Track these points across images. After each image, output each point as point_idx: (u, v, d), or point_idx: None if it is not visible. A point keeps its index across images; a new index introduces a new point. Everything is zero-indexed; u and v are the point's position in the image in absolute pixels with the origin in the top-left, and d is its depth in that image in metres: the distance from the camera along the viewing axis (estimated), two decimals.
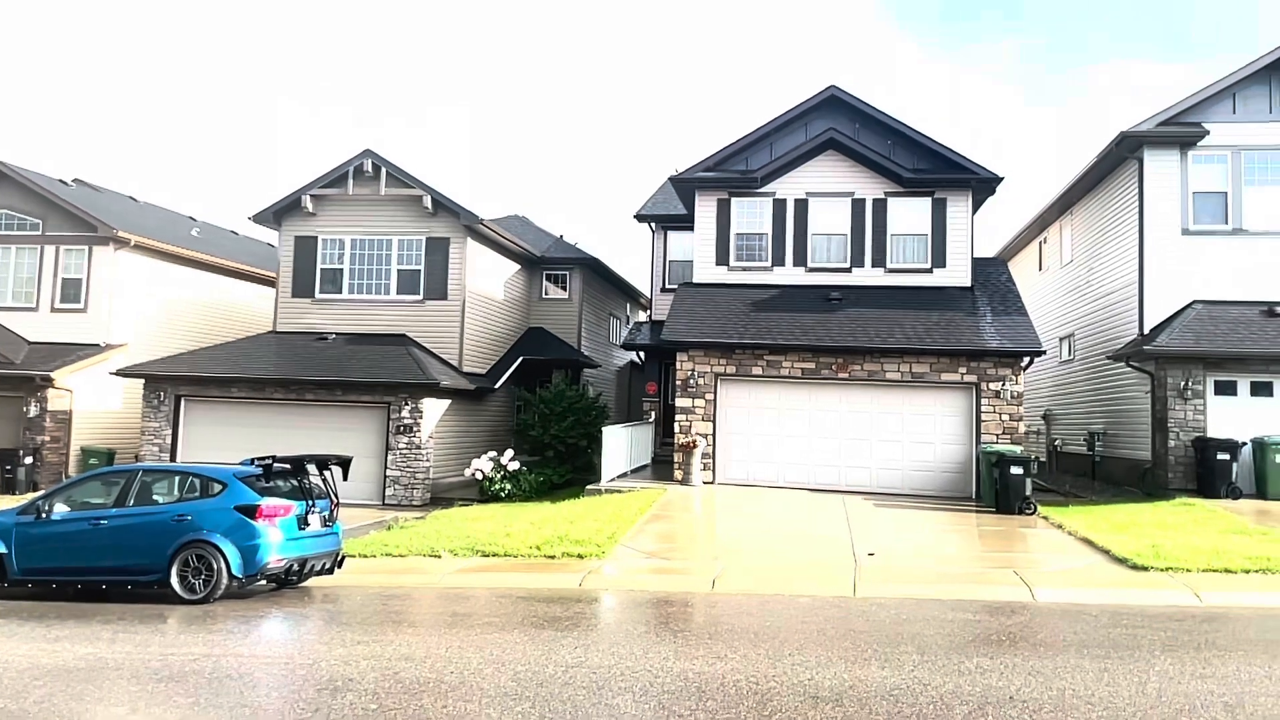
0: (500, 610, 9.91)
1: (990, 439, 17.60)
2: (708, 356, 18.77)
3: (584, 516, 14.67)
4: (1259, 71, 18.67)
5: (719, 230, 21.13)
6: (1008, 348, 17.84)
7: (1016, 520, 15.09)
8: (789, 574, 11.19)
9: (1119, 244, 20.31)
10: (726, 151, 21.10)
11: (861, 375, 18.34)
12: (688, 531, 14.57)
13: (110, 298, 23.02)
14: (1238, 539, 12.49)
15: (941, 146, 20.33)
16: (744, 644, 8.01)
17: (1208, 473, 16.79)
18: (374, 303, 22.68)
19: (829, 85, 21.02)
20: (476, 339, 23.36)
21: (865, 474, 18.23)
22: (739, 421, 18.81)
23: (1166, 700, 6.33)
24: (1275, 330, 17.48)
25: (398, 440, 20.24)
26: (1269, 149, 18.61)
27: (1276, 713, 6.06)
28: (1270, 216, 18.52)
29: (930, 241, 20.40)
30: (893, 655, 7.57)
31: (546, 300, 27.65)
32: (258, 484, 11.01)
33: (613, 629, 9.27)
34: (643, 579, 11.20)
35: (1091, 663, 7.32)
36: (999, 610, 9.51)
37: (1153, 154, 18.89)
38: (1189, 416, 17.51)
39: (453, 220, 22.42)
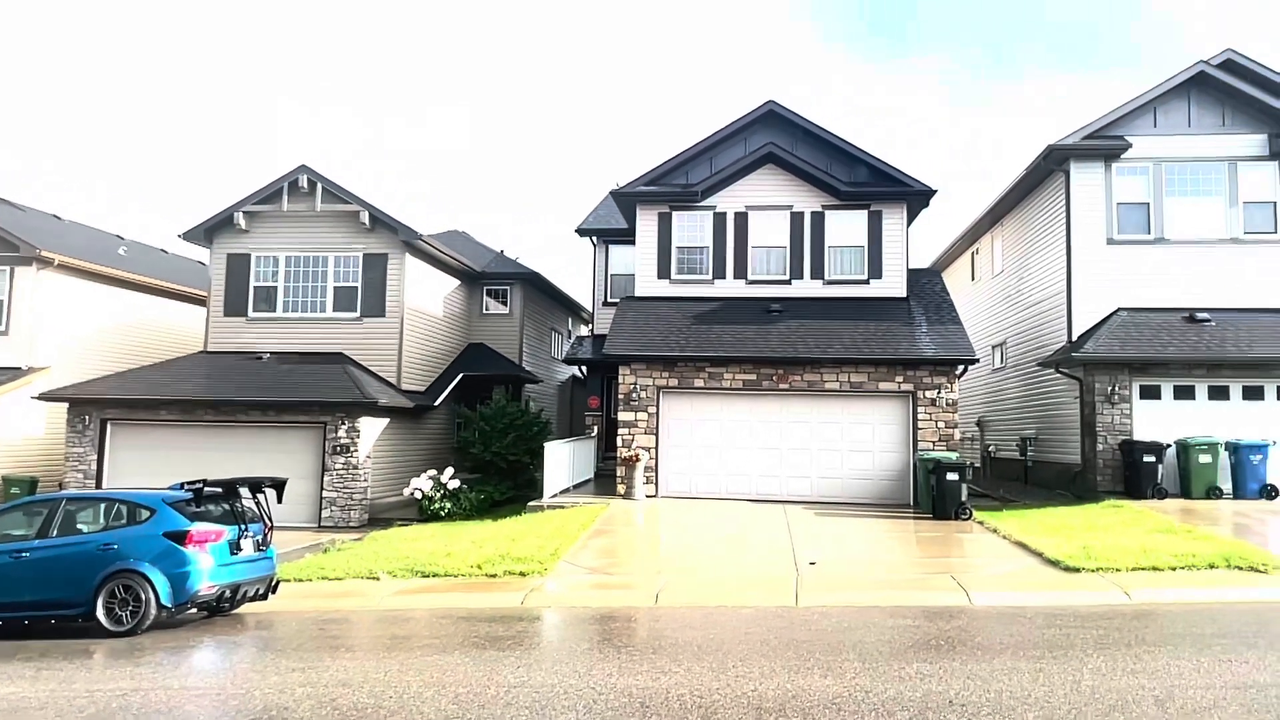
0: (441, 631, 9.74)
1: (927, 446, 17.89)
2: (650, 370, 18.79)
3: (526, 534, 14.53)
4: (1178, 87, 19.38)
5: (660, 244, 21.21)
6: (943, 356, 18.18)
7: (953, 525, 15.34)
8: (732, 585, 11.20)
9: (1048, 254, 20.87)
10: (667, 166, 21.22)
11: (802, 386, 18.52)
12: (631, 546, 14.52)
13: (33, 319, 22.20)
14: (1164, 538, 12.85)
15: (876, 160, 20.71)
16: (688, 657, 7.99)
17: (1135, 474, 17.27)
18: (310, 321, 22.26)
19: (767, 101, 21.29)
20: (415, 356, 23.07)
21: (806, 483, 18.40)
22: (681, 434, 18.84)
23: (1100, 697, 6.46)
24: (1196, 336, 18.10)
25: (334, 461, 19.87)
26: (1188, 161, 19.31)
27: (1205, 705, 6.22)
28: (1190, 226, 19.20)
29: (867, 253, 20.72)
30: (835, 664, 7.62)
31: (487, 316, 27.45)
32: (188, 509, 10.69)
33: (556, 647, 9.17)
34: (586, 595, 11.12)
35: (1028, 664, 7.45)
36: (938, 615, 9.63)
37: (1079, 167, 19.48)
38: (1116, 420, 18.01)
39: (391, 236, 22.15)
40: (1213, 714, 6.04)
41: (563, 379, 32.46)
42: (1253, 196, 19.11)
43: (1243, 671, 7.02)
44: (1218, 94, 19.33)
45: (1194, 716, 6.00)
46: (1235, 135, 19.26)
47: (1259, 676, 6.87)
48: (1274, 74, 19.39)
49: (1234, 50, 19.60)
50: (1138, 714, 6.09)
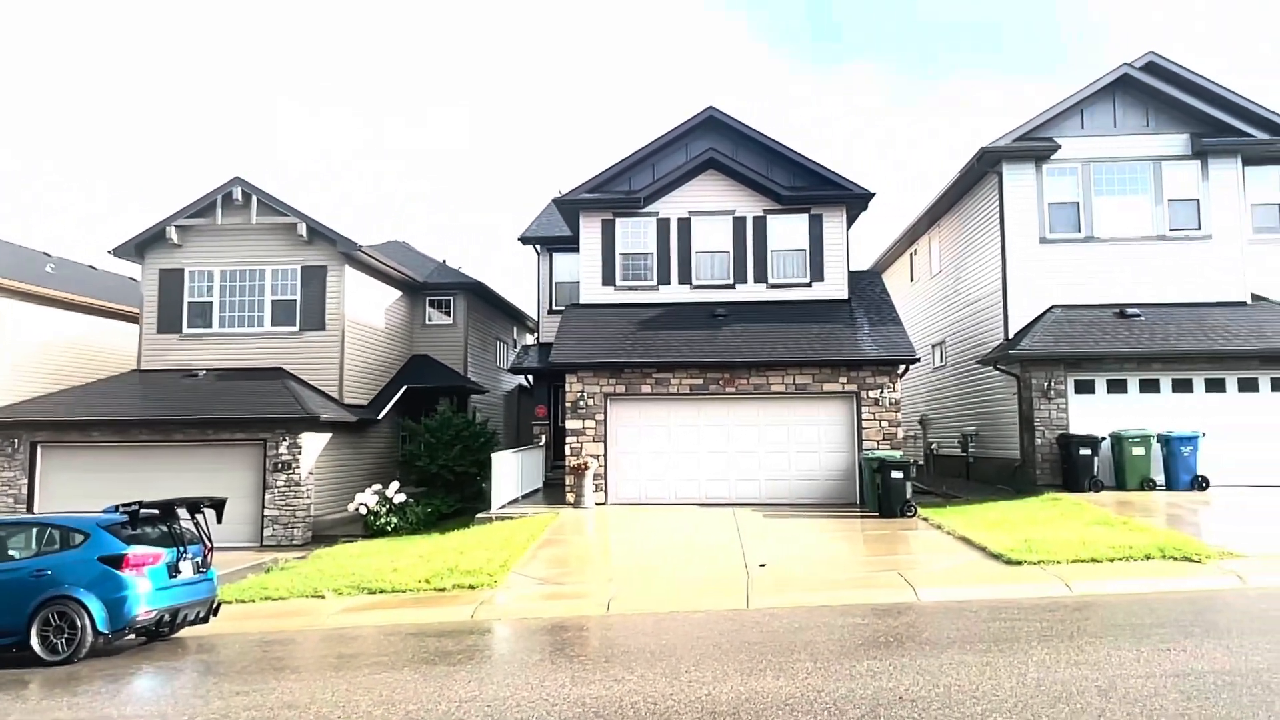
0: (389, 648, 9.57)
1: (871, 445, 18.13)
2: (597, 377, 18.75)
3: (474, 546, 14.38)
4: (1104, 89, 19.95)
5: (604, 251, 21.19)
6: (885, 356, 18.44)
7: (899, 523, 15.55)
8: (683, 591, 11.21)
9: (983, 254, 21.32)
10: (610, 172, 21.22)
11: (748, 389, 18.64)
12: (581, 554, 14.44)
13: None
14: (1102, 530, 13.17)
15: (815, 165, 20.95)
16: (641, 664, 7.96)
17: (1072, 468, 17.69)
18: (247, 336, 21.79)
19: (707, 107, 21.41)
20: (357, 369, 22.72)
21: (755, 486, 18.51)
22: (630, 441, 18.83)
23: (1045, 689, 6.59)
24: (1127, 331, 18.62)
25: (276, 478, 19.46)
26: (1114, 161, 19.88)
27: (1145, 694, 6.38)
28: (1117, 224, 19.77)
29: (809, 257, 20.95)
30: (787, 665, 7.65)
31: (430, 327, 27.16)
32: (123, 532, 10.37)
33: (507, 659, 9.08)
34: (537, 606, 11.03)
35: (975, 657, 7.56)
36: (886, 612, 9.75)
37: (1010, 168, 19.94)
38: (1053, 415, 18.44)
39: (329, 248, 21.79)
40: (1153, 702, 6.19)
41: (509, 389, 32.25)
42: (1177, 195, 19.74)
43: (1181, 660, 7.21)
44: (1142, 95, 19.95)
45: (1135, 705, 6.14)
46: (1159, 135, 19.89)
47: (1196, 665, 7.06)
48: (1194, 75, 20.08)
49: (1156, 53, 20.26)
50: (1082, 704, 6.21)
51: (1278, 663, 6.96)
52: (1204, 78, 20.09)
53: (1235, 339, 17.98)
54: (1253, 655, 7.22)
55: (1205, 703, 6.12)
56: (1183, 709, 6.01)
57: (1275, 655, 7.18)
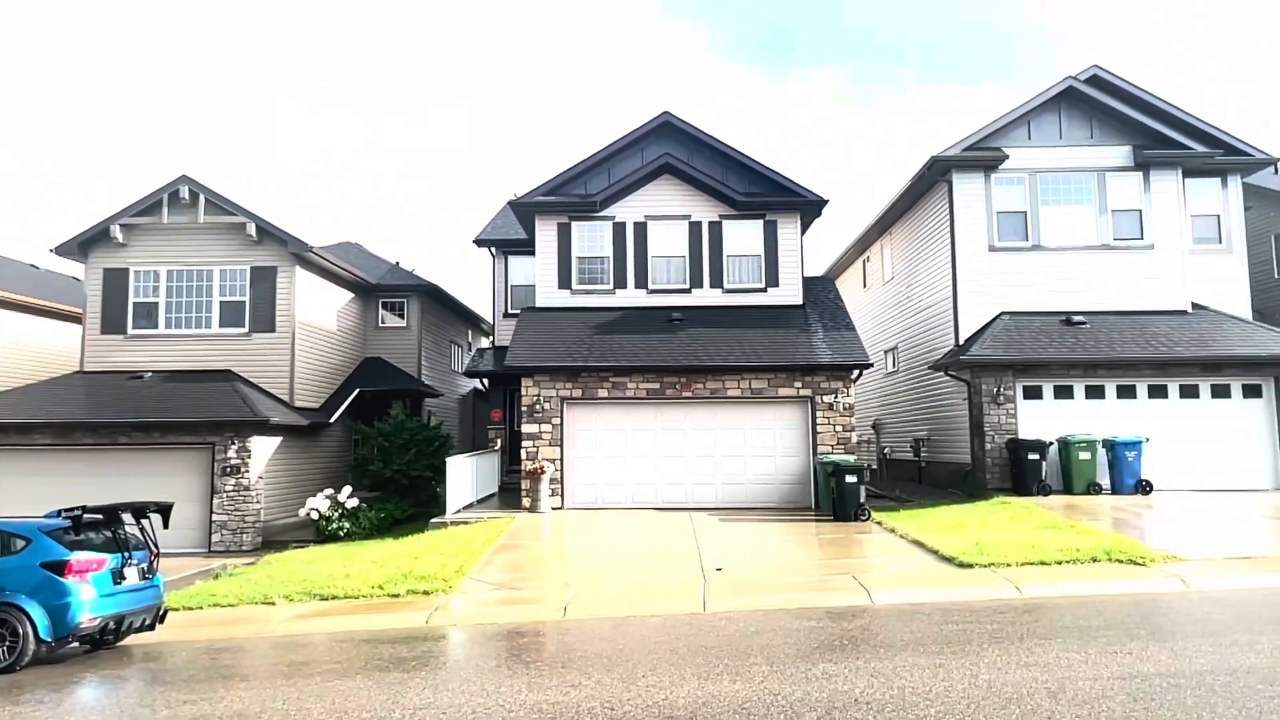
0: (342, 655, 9.43)
1: (826, 450, 18.30)
2: (553, 381, 18.68)
3: (429, 551, 14.24)
4: (1049, 101, 20.39)
5: (560, 254, 21.13)
6: (839, 362, 18.63)
7: (853, 527, 15.71)
8: (640, 595, 11.20)
9: (934, 261, 21.65)
10: (565, 176, 21.17)
11: (704, 393, 18.70)
12: (537, 559, 14.37)
13: None
14: (1050, 533, 13.43)
15: (770, 171, 21.10)
16: (598, 669, 7.94)
17: (1021, 472, 18.02)
18: (194, 337, 21.35)
19: (663, 112, 21.46)
20: (309, 372, 22.38)
21: (711, 490, 18.57)
22: (586, 445, 18.79)
23: (996, 690, 6.69)
24: (1073, 338, 19.03)
25: (224, 483, 19.09)
26: (1060, 171, 20.32)
27: (1094, 695, 6.51)
28: (1063, 233, 20.20)
29: (764, 262, 21.09)
30: (743, 668, 7.69)
31: (383, 329, 26.85)
32: (66, 537, 10.10)
33: (463, 666, 8.99)
34: (493, 611, 10.95)
35: (928, 660, 7.66)
36: (841, 615, 9.83)
37: (960, 177, 20.28)
38: (1002, 420, 18.77)
39: (280, 248, 21.45)
40: (1101, 705, 6.32)
41: (464, 392, 32.00)
42: (1120, 205, 20.23)
43: (1127, 662, 7.37)
44: (1086, 108, 20.42)
45: (1084, 708, 6.27)
46: (1103, 147, 20.37)
47: (1142, 667, 7.22)
48: (1137, 89, 20.62)
49: (1100, 66, 20.76)
50: (1032, 706, 6.33)
51: (1220, 665, 7.15)
52: (1146, 91, 20.64)
53: (1177, 347, 18.47)
54: (1196, 658, 7.41)
55: (1151, 704, 6.26)
56: (1129, 711, 6.15)
57: (1217, 658, 7.37)
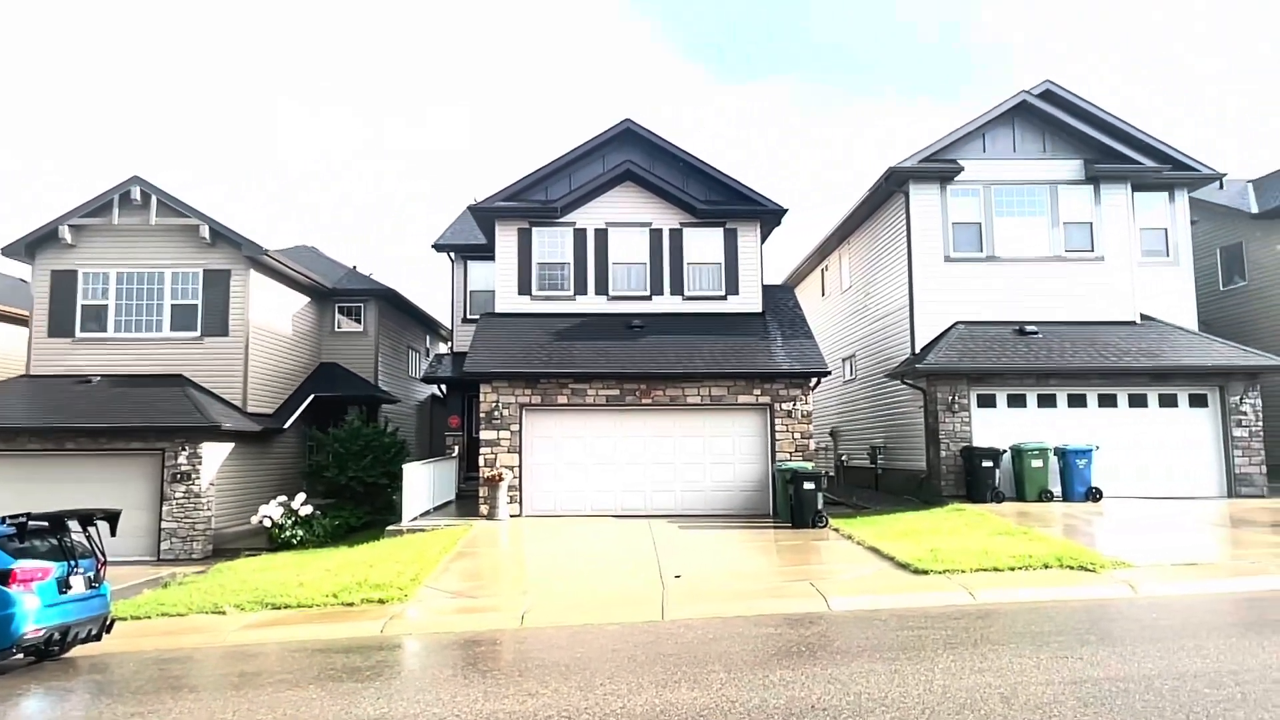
0: (294, 666, 9.26)
1: (784, 457, 18.40)
2: (512, 387, 18.58)
3: (385, 559, 14.06)
4: (1003, 115, 20.75)
5: (520, 260, 21.05)
6: (797, 369, 18.75)
7: (811, 534, 15.80)
8: (598, 603, 11.15)
9: (891, 270, 21.90)
10: (526, 181, 21.10)
11: (664, 400, 18.72)
12: (495, 567, 14.26)
13: None
14: (1003, 540, 13.61)
15: (731, 180, 21.22)
16: (555, 678, 7.88)
17: (975, 479, 18.26)
18: (145, 341, 20.91)
19: (624, 119, 21.50)
20: (262, 377, 22.02)
21: (670, 497, 18.58)
22: (545, 452, 18.70)
23: (951, 696, 6.75)
24: (1026, 347, 19.34)
25: (174, 489, 18.71)
26: (1013, 184, 20.68)
27: (1045, 700, 6.60)
28: (1017, 244, 20.55)
29: (724, 270, 21.20)
30: (701, 676, 7.67)
31: (340, 334, 26.52)
32: (10, 545, 9.79)
33: (418, 675, 8.87)
34: (449, 620, 10.82)
35: (884, 665, 7.71)
36: (798, 622, 9.87)
37: (917, 188, 20.55)
38: (957, 428, 19.02)
39: (234, 251, 21.10)
40: (1053, 709, 6.40)
41: (421, 398, 31.70)
42: (1072, 217, 20.63)
43: (1078, 667, 7.49)
44: (1039, 122, 20.82)
45: (1036, 713, 6.35)
46: (1055, 160, 20.78)
47: (1092, 672, 7.33)
48: (1088, 104, 21.08)
49: (1052, 81, 21.19)
50: (986, 711, 6.39)
51: (1167, 670, 7.28)
52: (1097, 107, 21.11)
53: (1126, 357, 18.86)
54: (1144, 663, 7.54)
55: (1101, 709, 6.36)
56: (1079, 715, 6.24)
57: (1165, 663, 7.51)
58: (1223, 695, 6.52)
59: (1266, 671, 7.07)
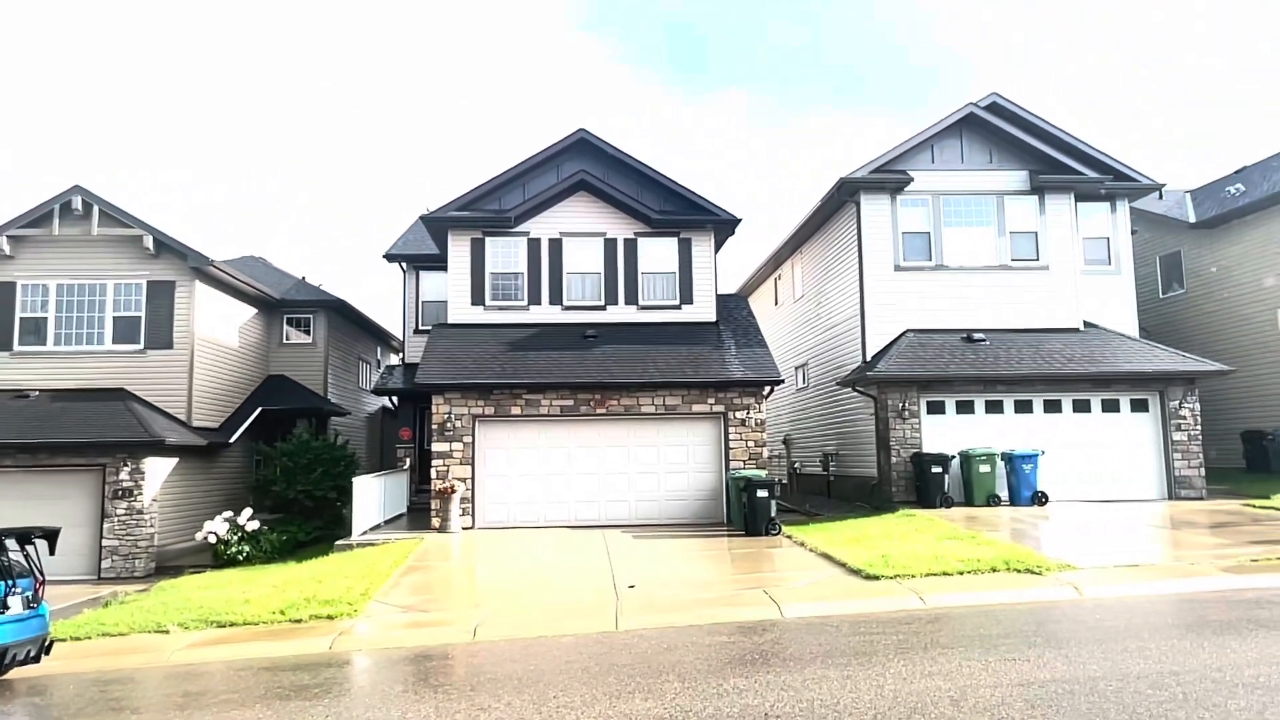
0: (240, 685, 9.05)
1: (738, 465, 18.47)
2: (465, 398, 18.42)
3: (334, 574, 13.83)
4: (951, 126, 21.13)
5: (473, 270, 20.91)
6: (751, 378, 18.86)
7: (764, 541, 15.86)
8: (552, 615, 11.07)
9: (843, 279, 22.14)
10: (479, 191, 20.98)
11: (619, 410, 18.69)
12: (447, 580, 14.10)
13: None
14: (953, 544, 13.79)
15: (685, 190, 21.31)
16: (508, 692, 7.80)
17: (925, 485, 18.50)
18: (86, 354, 20.39)
19: (578, 129, 21.49)
20: (208, 390, 21.58)
21: (625, 507, 18.54)
22: (499, 463, 18.56)
23: (902, 700, 6.81)
24: (974, 354, 19.66)
25: (116, 506, 18.25)
26: (961, 194, 21.05)
27: (994, 703, 6.68)
28: (965, 254, 20.91)
29: (678, 279, 21.26)
30: (656, 686, 7.65)
31: (288, 346, 26.10)
32: None
33: (368, 692, 8.73)
34: (400, 635, 10.67)
35: (836, 672, 7.76)
36: (752, 630, 9.89)
37: (868, 198, 20.82)
38: (907, 435, 19.26)
39: (179, 262, 20.68)
40: (1001, 711, 6.49)
41: (372, 410, 31.32)
42: (1018, 227, 21.06)
43: (1025, 670, 7.60)
44: (986, 134, 21.23)
45: (985, 714, 6.43)
46: (1002, 171, 21.20)
47: (1039, 674, 7.44)
48: (1033, 116, 21.53)
49: (999, 94, 21.62)
50: (935, 715, 6.45)
51: (1111, 671, 7.42)
52: (1041, 119, 21.57)
53: (1070, 363, 19.25)
54: (1089, 664, 7.68)
55: (1048, 710, 6.45)
56: (1027, 717, 6.33)
57: (1109, 664, 7.65)
58: (1165, 696, 6.66)
59: (1206, 672, 7.23)
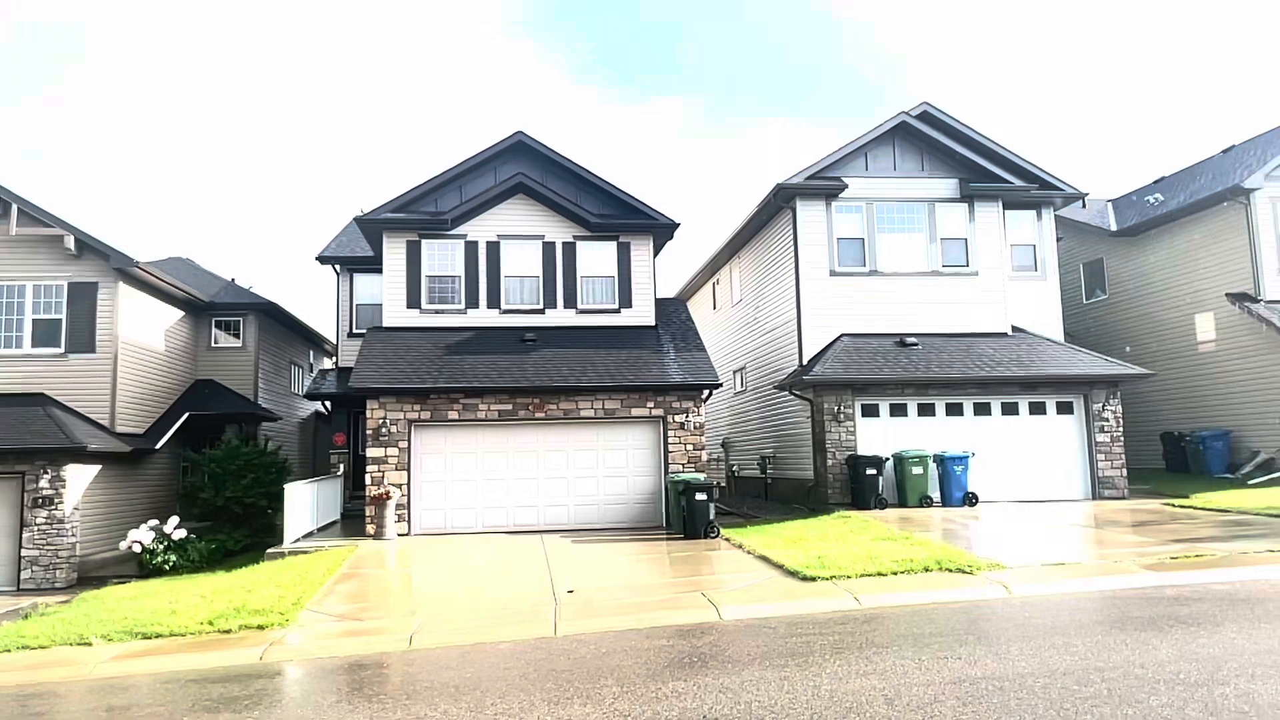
0: (167, 697, 8.79)
1: (677, 468, 18.55)
2: (400, 403, 18.17)
3: (265, 583, 13.51)
4: (884, 134, 21.53)
5: (409, 272, 20.65)
6: (690, 382, 18.95)
7: (703, 544, 15.94)
8: (490, 621, 10.97)
9: (780, 284, 22.40)
10: (416, 192, 20.74)
11: (558, 414, 18.62)
12: (382, 588, 13.88)
13: None
14: (887, 545, 14.02)
15: (624, 194, 21.34)
16: (445, 699, 7.71)
17: (860, 487, 18.80)
18: (3, 359, 19.66)
19: (516, 131, 21.38)
20: (133, 395, 20.93)
21: (564, 511, 18.48)
22: (435, 469, 18.35)
23: (838, 700, 6.90)
24: (907, 359, 20.05)
25: (35, 515, 17.59)
26: (894, 201, 21.46)
27: (927, 700, 6.80)
28: (897, 259, 21.33)
29: (617, 283, 21.27)
30: (594, 691, 7.63)
31: (217, 349, 25.45)
32: None
33: (300, 703, 8.54)
34: (334, 644, 10.46)
35: (774, 673, 7.82)
36: (691, 633, 9.93)
37: (804, 204, 21.11)
38: (842, 437, 19.55)
39: (102, 263, 20.03)
40: (933, 709, 6.61)
41: (305, 416, 30.70)
42: (949, 234, 21.55)
43: (957, 667, 7.75)
44: (918, 142, 21.68)
45: (918, 713, 6.54)
46: (933, 179, 21.67)
47: (971, 671, 7.60)
48: (963, 126, 22.06)
49: (930, 104, 22.10)
50: (870, 714, 6.55)
51: (1039, 668, 7.61)
52: (971, 128, 22.11)
53: (999, 367, 19.75)
54: (1018, 661, 7.87)
55: (979, 707, 6.60)
56: (959, 713, 6.46)
57: (1037, 661, 7.85)
58: (1090, 692, 6.85)
59: (1130, 668, 7.46)
